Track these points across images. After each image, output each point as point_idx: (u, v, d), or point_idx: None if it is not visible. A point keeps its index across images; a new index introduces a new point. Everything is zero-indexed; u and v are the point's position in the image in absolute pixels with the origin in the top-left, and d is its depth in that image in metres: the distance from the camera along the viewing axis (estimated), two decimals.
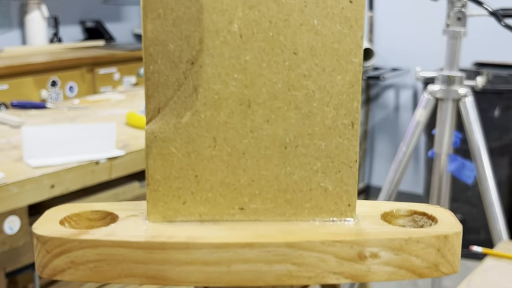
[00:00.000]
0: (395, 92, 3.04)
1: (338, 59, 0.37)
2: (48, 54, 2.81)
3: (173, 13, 0.36)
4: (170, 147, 0.37)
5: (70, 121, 1.80)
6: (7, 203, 1.26)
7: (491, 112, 2.53)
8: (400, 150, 1.54)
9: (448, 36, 1.48)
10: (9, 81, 2.51)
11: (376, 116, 3.10)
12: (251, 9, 0.36)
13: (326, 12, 0.36)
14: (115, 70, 2.87)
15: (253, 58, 0.36)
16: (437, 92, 1.49)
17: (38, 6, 2.86)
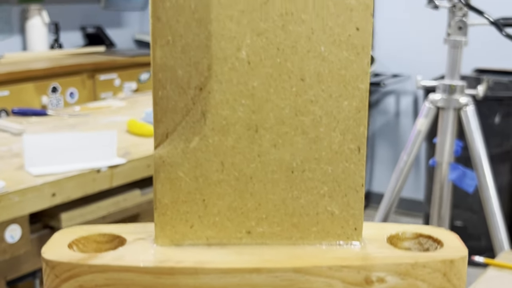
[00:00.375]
0: (395, 98, 3.05)
1: (345, 85, 0.37)
2: (48, 60, 2.81)
3: (182, 40, 0.36)
4: (178, 171, 0.37)
5: (71, 128, 1.80)
6: (8, 211, 1.26)
7: (492, 118, 2.53)
8: (401, 159, 1.54)
9: (449, 45, 1.48)
10: (10, 87, 2.52)
11: (376, 122, 3.11)
12: (259, 36, 0.36)
13: (333, 39, 0.36)
14: (115, 76, 2.87)
15: (260, 84, 0.37)
16: (438, 101, 1.50)
17: (39, 12, 2.87)
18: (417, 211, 3.09)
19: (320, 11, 0.36)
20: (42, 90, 2.60)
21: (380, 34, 3.00)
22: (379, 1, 2.98)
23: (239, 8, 0.35)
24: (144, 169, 1.52)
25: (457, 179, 1.55)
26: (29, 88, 2.58)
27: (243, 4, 0.35)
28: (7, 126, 1.77)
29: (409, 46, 2.93)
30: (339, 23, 0.36)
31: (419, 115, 1.54)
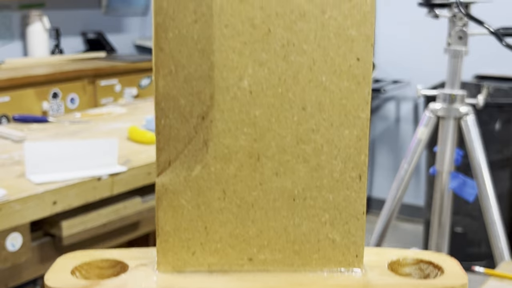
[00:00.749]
0: (395, 104, 3.05)
1: (346, 114, 0.37)
2: (49, 65, 2.82)
3: (184, 70, 0.36)
4: (180, 199, 0.38)
5: (71, 135, 1.80)
6: (9, 220, 1.26)
7: (492, 125, 2.53)
8: (401, 168, 1.54)
9: (450, 55, 1.49)
10: (10, 93, 2.52)
11: (376, 128, 3.11)
12: (261, 66, 0.36)
13: (334, 69, 0.37)
14: (116, 82, 2.88)
15: (262, 113, 0.37)
16: (439, 111, 1.50)
17: (40, 17, 2.87)
18: (417, 217, 3.09)
19: (321, 42, 0.36)
20: (43, 96, 2.60)
21: (380, 40, 3.01)
22: (380, 7, 2.99)
23: (242, 40, 0.36)
24: (144, 176, 1.52)
25: (458, 188, 1.55)
26: (30, 93, 2.58)
27: (246, 35, 0.36)
28: (8, 133, 1.78)
29: (409, 53, 2.94)
30: (340, 53, 0.36)
31: (419, 124, 1.54)
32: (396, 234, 2.99)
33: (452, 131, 1.50)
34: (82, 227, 1.46)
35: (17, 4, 2.91)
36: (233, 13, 0.35)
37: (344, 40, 0.36)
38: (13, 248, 1.30)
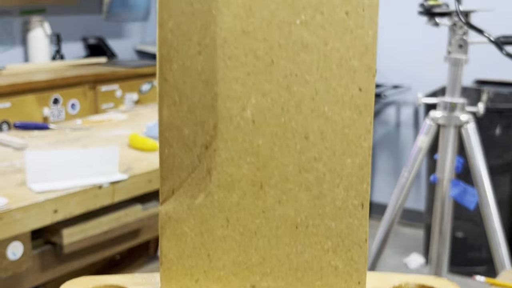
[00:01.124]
0: (396, 109, 3.05)
1: (348, 143, 0.38)
2: (50, 71, 2.82)
3: (188, 100, 0.37)
4: (184, 227, 0.38)
5: (72, 142, 1.81)
6: (10, 228, 1.27)
7: (492, 130, 2.54)
8: (402, 176, 1.55)
9: (450, 63, 1.49)
10: (11, 99, 2.53)
11: (377, 133, 3.11)
12: (263, 96, 0.37)
13: (336, 99, 0.37)
14: (117, 87, 2.88)
15: (265, 142, 0.37)
16: (439, 119, 1.50)
17: (41, 23, 2.88)
18: (418, 222, 3.09)
19: (324, 72, 0.36)
20: (44, 102, 2.61)
21: (381, 45, 3.01)
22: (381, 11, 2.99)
23: (245, 70, 0.36)
24: (145, 184, 1.53)
25: (458, 195, 1.56)
26: (31, 99, 2.58)
27: (249, 66, 0.36)
28: (9, 141, 1.78)
29: (410, 58, 2.94)
30: (342, 84, 0.37)
31: (419, 132, 1.55)
32: (396, 239, 3.00)
33: (452, 139, 1.51)
34: (83, 235, 1.47)
35: (18, 10, 2.91)
36: (236, 45, 0.36)
37: (346, 71, 0.37)
38: (14, 257, 1.31)
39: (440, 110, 1.51)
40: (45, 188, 1.34)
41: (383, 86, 2.97)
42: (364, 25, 0.35)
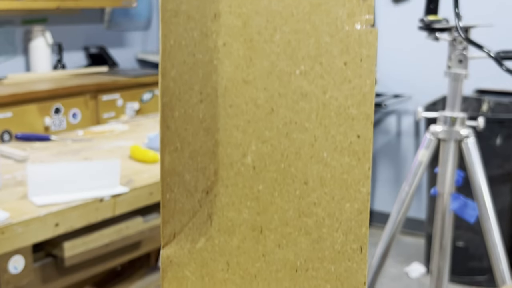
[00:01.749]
0: (396, 118, 3.06)
1: (347, 188, 0.38)
2: (51, 81, 2.83)
3: (189, 146, 0.37)
4: (185, 270, 0.39)
5: (74, 154, 1.81)
6: (11, 242, 1.27)
7: (493, 140, 2.54)
8: (402, 190, 1.55)
9: (450, 78, 1.50)
10: (13, 109, 2.54)
11: (378, 142, 3.12)
12: (264, 143, 0.37)
13: (335, 146, 0.38)
14: (118, 97, 2.89)
15: (265, 187, 0.38)
16: (439, 133, 1.51)
17: (42, 33, 2.89)
18: (419, 231, 3.10)
19: (323, 120, 0.37)
20: (45, 111, 2.62)
21: (382, 54, 3.02)
22: (381, 22, 3.00)
23: (245, 118, 0.37)
24: (146, 197, 1.53)
25: (459, 209, 1.56)
26: (32, 109, 2.59)
27: (249, 114, 0.37)
28: (10, 153, 1.79)
29: (410, 67, 2.95)
30: (341, 131, 0.37)
31: (420, 146, 1.55)
32: (397, 247, 3.00)
33: (452, 153, 1.51)
34: (84, 247, 1.47)
35: (20, 19, 2.92)
36: (237, 94, 0.36)
37: (344, 119, 0.37)
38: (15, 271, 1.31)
39: (440, 124, 1.52)
40: (47, 202, 1.34)
41: (383, 95, 2.98)
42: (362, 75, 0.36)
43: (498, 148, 2.55)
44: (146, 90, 2.98)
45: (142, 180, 1.53)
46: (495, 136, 2.54)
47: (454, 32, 1.47)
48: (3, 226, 1.23)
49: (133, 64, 3.41)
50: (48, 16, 2.99)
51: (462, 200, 1.55)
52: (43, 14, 2.98)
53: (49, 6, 2.77)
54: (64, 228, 1.36)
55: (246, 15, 0.35)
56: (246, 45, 0.35)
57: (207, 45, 0.35)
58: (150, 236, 1.63)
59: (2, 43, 2.88)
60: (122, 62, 3.29)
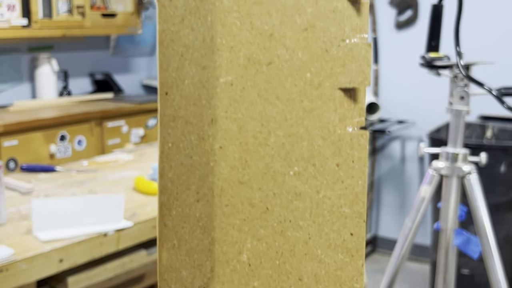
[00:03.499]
0: (400, 143, 3.06)
1: (340, 284, 0.39)
2: (57, 108, 2.86)
3: (186, 244, 0.38)
4: None
5: (79, 185, 1.82)
6: (16, 279, 1.28)
7: (497, 168, 2.54)
8: (405, 226, 1.55)
9: (452, 115, 1.50)
10: (19, 137, 2.56)
11: (382, 167, 3.12)
12: (259, 241, 0.38)
13: (328, 243, 0.38)
14: (123, 123, 2.91)
15: (261, 284, 0.39)
16: (442, 169, 1.51)
17: (48, 60, 2.92)
18: (424, 257, 3.08)
19: (316, 218, 0.38)
20: (51, 139, 2.64)
21: (385, 80, 3.04)
22: (384, 48, 3.02)
23: (241, 217, 0.38)
24: (150, 230, 1.54)
25: (462, 244, 1.56)
26: (38, 137, 2.61)
27: (245, 213, 0.38)
28: (15, 185, 1.80)
29: (414, 93, 2.96)
30: (334, 229, 0.38)
31: (422, 181, 1.55)
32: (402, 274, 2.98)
33: (455, 189, 1.51)
34: (88, 282, 1.48)
35: (26, 46, 2.96)
36: (233, 194, 0.37)
37: (337, 217, 0.38)
38: None
39: (442, 160, 1.52)
40: (51, 237, 1.35)
41: (387, 121, 2.99)
42: (354, 175, 0.37)
43: (502, 176, 2.54)
44: (151, 116, 3.00)
45: (145, 214, 1.54)
46: (499, 164, 2.54)
47: (455, 69, 1.48)
48: (7, 263, 1.24)
49: (138, 90, 3.44)
50: (54, 43, 3.03)
51: (465, 236, 1.55)
52: (49, 41, 3.01)
53: (55, 34, 2.81)
54: (68, 263, 1.37)
55: (241, 120, 0.36)
56: (242, 148, 0.37)
57: (204, 148, 0.36)
58: (154, 269, 1.64)
59: (8, 70, 2.91)
60: (127, 88, 3.32)
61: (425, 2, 2.87)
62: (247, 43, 0.35)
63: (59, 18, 2.82)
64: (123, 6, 3.11)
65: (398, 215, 3.11)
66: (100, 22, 2.97)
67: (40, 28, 2.73)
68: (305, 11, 0.35)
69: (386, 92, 3.03)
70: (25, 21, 2.68)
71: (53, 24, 2.79)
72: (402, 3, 2.90)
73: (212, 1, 0.34)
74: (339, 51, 0.36)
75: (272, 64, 0.36)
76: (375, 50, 3.00)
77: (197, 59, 0.36)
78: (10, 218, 1.50)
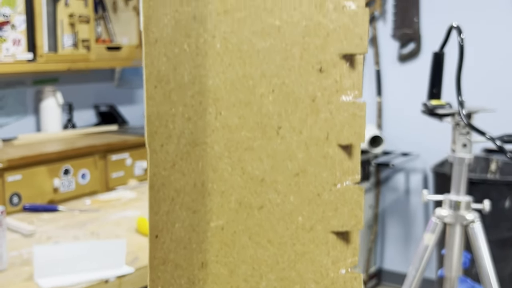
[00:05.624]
0: (405, 176, 3.05)
1: None
2: (61, 141, 2.86)
3: None
4: None
5: (81, 226, 1.82)
6: None
7: (502, 203, 2.52)
8: (409, 274, 1.54)
9: (454, 162, 1.50)
10: (23, 171, 2.56)
11: (386, 199, 3.10)
12: None
13: None
14: (127, 156, 2.92)
15: None
16: (445, 217, 1.50)
17: (53, 93, 2.94)
18: None
19: None
20: (54, 173, 2.64)
21: (388, 113, 3.03)
22: (387, 80, 3.02)
23: None
24: None
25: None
26: (42, 171, 2.62)
27: None
28: (17, 227, 1.80)
29: (418, 125, 2.95)
30: None
31: (426, 229, 1.54)
32: None
33: (459, 238, 1.50)
34: None
35: (32, 79, 2.98)
36: None
37: None
38: None
39: (445, 207, 1.51)
40: (53, 285, 1.35)
41: (391, 153, 2.98)
42: None
43: (507, 211, 2.52)
44: None
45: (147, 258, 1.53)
46: (504, 199, 2.52)
47: (457, 117, 1.48)
48: None
49: (143, 121, 3.45)
50: (59, 76, 3.05)
51: (470, 284, 1.54)
52: (54, 74, 3.03)
53: (61, 68, 2.83)
54: None
55: (232, 264, 0.36)
56: None
57: None
58: None
59: (13, 103, 2.93)
60: (131, 119, 3.33)
61: (427, 35, 2.88)
62: (238, 188, 0.35)
63: (64, 52, 2.84)
64: (128, 39, 3.13)
65: (403, 248, 3.09)
66: (105, 55, 2.99)
67: (45, 62, 2.75)
68: (296, 157, 0.35)
69: (390, 125, 3.02)
70: (31, 55, 2.70)
71: (58, 58, 2.81)
72: (404, 36, 2.91)
73: (203, 147, 0.34)
74: (331, 195, 0.35)
75: (264, 208, 0.36)
76: (378, 83, 3.01)
77: (187, 203, 0.36)
78: (11, 263, 1.49)
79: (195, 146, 0.34)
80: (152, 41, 0.35)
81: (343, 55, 0.34)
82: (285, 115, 0.34)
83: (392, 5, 2.93)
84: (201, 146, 0.34)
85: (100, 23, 3.14)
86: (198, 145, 0.34)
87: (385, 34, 2.98)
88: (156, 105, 0.36)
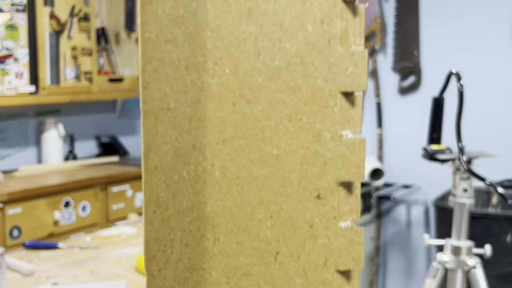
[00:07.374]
0: (406, 208, 3.04)
1: None
2: (62, 173, 2.87)
3: None
4: None
5: (80, 265, 1.81)
6: None
7: (503, 237, 2.51)
8: None
9: (455, 207, 1.50)
10: (23, 204, 2.56)
11: (387, 232, 3.09)
12: None
13: None
14: (128, 187, 2.92)
15: None
16: (446, 263, 1.50)
17: (55, 125, 2.95)
18: None
19: None
20: (55, 205, 2.64)
21: (389, 145, 3.04)
22: (388, 113, 3.03)
23: None
24: None
25: None
26: (42, 204, 2.62)
27: None
28: (17, 266, 1.79)
29: (418, 157, 2.96)
30: None
31: (427, 274, 1.54)
32: None
33: (460, 283, 1.49)
34: None
35: (33, 111, 3.00)
36: None
37: None
38: None
39: (446, 252, 1.51)
40: None
41: (393, 185, 2.98)
42: None
43: (509, 246, 2.51)
44: None
45: None
46: (506, 233, 2.51)
47: (457, 162, 1.48)
48: None
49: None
50: (61, 107, 3.06)
51: None
52: (56, 106, 3.05)
53: (63, 100, 2.84)
54: None
55: None
56: None
57: None
58: None
59: (15, 135, 2.94)
60: (133, 150, 3.33)
61: (428, 68, 2.89)
62: None
63: (66, 84, 2.86)
64: (130, 70, 3.15)
65: (405, 280, 3.07)
66: (107, 87, 3.01)
67: (47, 94, 2.77)
68: (294, 282, 0.35)
69: (391, 157, 3.02)
70: (33, 88, 2.71)
71: (60, 90, 2.83)
72: (405, 69, 2.92)
73: (201, 273, 0.34)
74: None
75: None
76: (378, 115, 3.02)
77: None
78: None
79: (193, 272, 0.34)
80: (151, 168, 0.35)
81: (340, 182, 0.35)
82: (283, 240, 0.34)
83: (393, 39, 2.95)
84: (198, 272, 0.34)
85: (102, 54, 3.16)
86: (195, 271, 0.34)
87: (386, 67, 3.00)
88: (154, 230, 0.36)
